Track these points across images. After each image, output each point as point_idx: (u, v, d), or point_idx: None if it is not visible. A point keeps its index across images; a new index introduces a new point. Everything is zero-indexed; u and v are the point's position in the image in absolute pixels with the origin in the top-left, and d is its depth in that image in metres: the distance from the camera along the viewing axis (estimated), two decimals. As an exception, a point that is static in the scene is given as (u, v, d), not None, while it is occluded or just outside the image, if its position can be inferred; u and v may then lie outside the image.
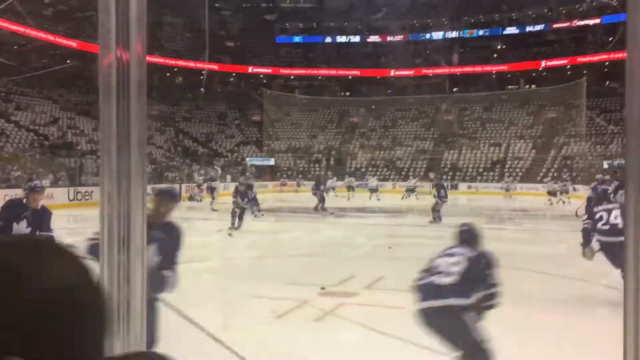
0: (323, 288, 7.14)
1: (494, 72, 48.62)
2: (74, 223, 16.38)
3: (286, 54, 52.24)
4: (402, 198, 27.14)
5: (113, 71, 1.52)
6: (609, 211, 6.78)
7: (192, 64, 45.91)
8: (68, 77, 39.66)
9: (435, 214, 15.97)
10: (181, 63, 45.82)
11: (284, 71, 50.81)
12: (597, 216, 6.86)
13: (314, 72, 51.13)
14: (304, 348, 5.04)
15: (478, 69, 48.38)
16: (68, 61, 40.06)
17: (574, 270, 8.67)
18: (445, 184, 19.23)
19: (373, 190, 28.11)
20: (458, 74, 48.65)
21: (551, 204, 24.18)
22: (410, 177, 35.01)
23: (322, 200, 19.87)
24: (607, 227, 6.60)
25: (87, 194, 21.93)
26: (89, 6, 38.39)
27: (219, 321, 5.92)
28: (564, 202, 24.27)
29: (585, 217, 7.36)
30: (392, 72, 49.70)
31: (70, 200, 21.27)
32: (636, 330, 1.79)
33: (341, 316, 6.12)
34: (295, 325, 5.75)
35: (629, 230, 1.76)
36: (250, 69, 49.44)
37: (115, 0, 1.53)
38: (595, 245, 6.72)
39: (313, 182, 22.24)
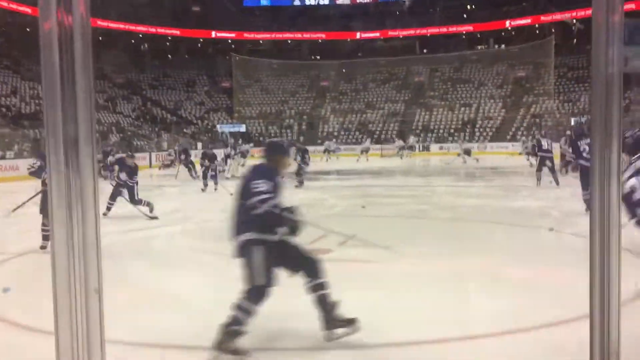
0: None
1: (464, 32, 48.52)
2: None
3: (254, 17, 51.23)
4: (357, 160, 27.67)
5: (54, 38, 1.41)
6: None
7: (153, 30, 44.68)
8: (27, 46, 38.32)
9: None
10: (141, 28, 44.44)
11: (248, 35, 49.75)
12: (582, 148, 8.93)
13: (282, 36, 50.26)
14: (276, 306, 5.03)
15: (446, 29, 48.18)
16: (28, 29, 38.63)
17: (543, 221, 8.84)
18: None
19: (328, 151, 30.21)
20: (428, 35, 48.42)
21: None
22: (364, 138, 36.26)
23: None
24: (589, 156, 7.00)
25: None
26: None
27: (194, 282, 5.88)
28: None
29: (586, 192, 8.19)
30: (358, 35, 49.22)
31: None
32: (602, 275, 1.81)
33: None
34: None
35: (594, 180, 1.77)
36: (213, 34, 48.18)
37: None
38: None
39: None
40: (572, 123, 31.69)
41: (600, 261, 1.82)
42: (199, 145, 33.06)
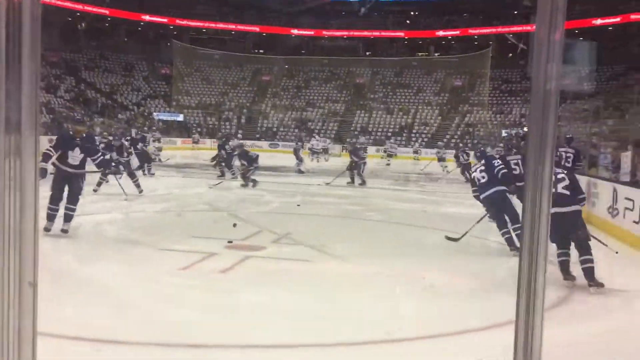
0: (230, 242, 7.12)
1: (405, 38, 49.48)
2: None
3: (200, 5, 50.26)
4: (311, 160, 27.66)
5: (2, 11, 1.38)
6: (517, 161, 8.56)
7: (92, 9, 42.90)
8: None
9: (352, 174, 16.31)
10: (85, 7, 42.68)
11: (195, 23, 48.77)
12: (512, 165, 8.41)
13: (225, 26, 49.47)
14: (208, 300, 5.03)
15: (391, 33, 49.01)
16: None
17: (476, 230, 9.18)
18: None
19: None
20: (372, 37, 49.08)
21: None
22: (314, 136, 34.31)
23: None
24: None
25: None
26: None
27: (122, 273, 5.77)
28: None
29: None
30: (306, 32, 49.30)
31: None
32: (529, 283, 1.92)
33: (248, 268, 6.14)
34: (200, 277, 5.71)
35: (527, 195, 1.89)
36: (158, 19, 46.75)
37: None
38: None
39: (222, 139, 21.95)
40: (503, 134, 32.94)
41: (528, 271, 1.91)
42: (133, 132, 32.16)
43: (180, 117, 41.62)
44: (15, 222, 1.41)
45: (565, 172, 6.19)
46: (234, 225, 8.41)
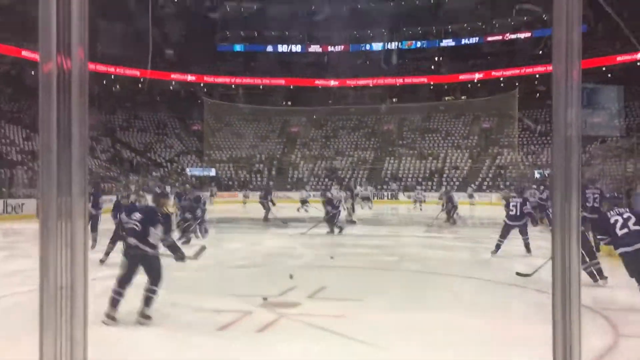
0: (265, 299, 7.11)
1: (431, 83, 49.96)
2: (2, 237, 15.66)
3: (227, 62, 51.84)
4: (298, 210, 26.70)
5: (54, 79, 1.48)
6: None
7: (130, 71, 44.95)
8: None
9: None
10: (118, 70, 44.61)
11: (224, 80, 50.32)
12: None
13: (254, 81, 50.91)
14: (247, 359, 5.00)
15: (416, 79, 49.56)
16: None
17: (507, 275, 9.01)
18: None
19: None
20: (397, 84, 49.67)
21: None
22: (305, 188, 32.18)
23: (268, 209, 19.85)
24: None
25: (17, 206, 20.99)
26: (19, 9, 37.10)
27: (159, 335, 5.80)
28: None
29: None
30: (332, 82, 50.21)
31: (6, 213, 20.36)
32: (564, 332, 1.90)
33: (284, 326, 6.11)
34: (238, 338, 5.70)
35: (556, 236, 1.89)
36: (188, 77, 48.65)
37: (56, 6, 1.49)
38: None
39: (261, 192, 22.18)
40: (536, 175, 32.53)
41: (562, 318, 1.89)
42: (168, 188, 32.78)
43: (213, 172, 42.31)
44: (66, 280, 1.48)
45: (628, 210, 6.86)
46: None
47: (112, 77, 44.99)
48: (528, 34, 45.76)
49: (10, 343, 5.15)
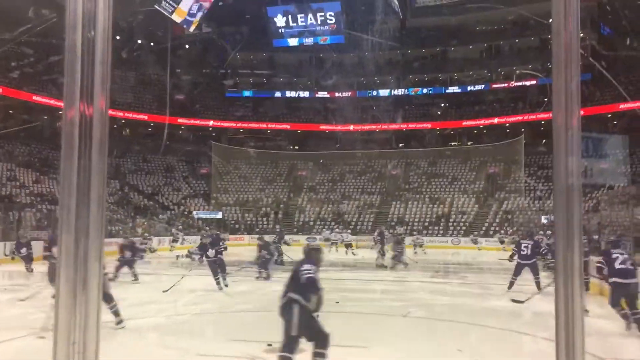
0: (270, 344, 7.04)
1: (437, 129, 50.36)
2: (8, 279, 15.66)
3: (236, 107, 52.61)
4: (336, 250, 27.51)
5: (76, 125, 1.56)
6: None
7: (143, 117, 45.90)
8: (6, 128, 38.61)
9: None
10: (128, 115, 45.36)
11: (232, 124, 51.01)
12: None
13: (263, 125, 51.61)
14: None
15: (422, 125, 49.99)
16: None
17: (517, 324, 8.90)
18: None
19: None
20: (404, 129, 50.10)
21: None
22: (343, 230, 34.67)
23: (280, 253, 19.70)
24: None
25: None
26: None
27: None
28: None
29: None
30: (339, 128, 50.73)
31: (5, 255, 20.34)
32: None
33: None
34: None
35: (559, 279, 1.91)
36: (197, 122, 49.46)
37: (81, 59, 1.58)
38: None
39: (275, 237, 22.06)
40: (543, 221, 32.39)
41: None
42: (173, 230, 32.82)
43: (219, 215, 42.35)
44: (81, 319, 1.51)
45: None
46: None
47: (123, 121, 45.68)
48: (533, 82, 46.35)
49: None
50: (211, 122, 50.00)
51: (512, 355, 6.96)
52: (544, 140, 44.10)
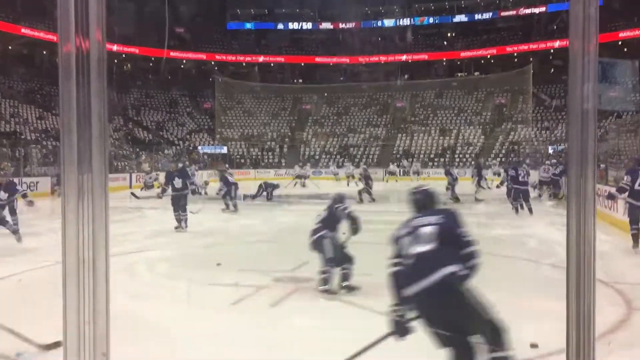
0: (219, 264, 7.28)
1: (444, 59, 49.38)
2: (18, 215, 15.81)
3: (238, 40, 51.57)
4: (294, 185, 27.83)
5: (72, 60, 1.49)
6: None
7: (142, 50, 45.06)
8: (7, 64, 38.11)
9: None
10: (130, 49, 44.62)
11: (234, 58, 50.16)
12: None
13: (264, 59, 50.70)
14: (261, 334, 5.07)
15: (427, 56, 49.01)
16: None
17: (521, 251, 9.00)
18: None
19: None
20: (409, 61, 49.16)
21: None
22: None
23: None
24: None
25: (32, 184, 21.21)
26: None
27: (174, 311, 5.88)
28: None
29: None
30: (341, 60, 49.83)
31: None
32: (577, 303, 1.89)
33: (297, 300, 6.17)
34: (252, 312, 5.76)
35: (571, 211, 1.87)
36: (203, 56, 48.67)
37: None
38: None
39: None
40: (550, 151, 32.24)
41: (576, 292, 1.88)
42: (180, 165, 32.86)
43: (224, 150, 42.37)
44: (89, 257, 1.50)
45: None
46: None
47: (123, 56, 44.94)
48: (543, 9, 44.97)
49: (35, 316, 5.25)
50: (216, 56, 49.15)
51: (518, 281, 7.05)
52: (552, 70, 43.28)
